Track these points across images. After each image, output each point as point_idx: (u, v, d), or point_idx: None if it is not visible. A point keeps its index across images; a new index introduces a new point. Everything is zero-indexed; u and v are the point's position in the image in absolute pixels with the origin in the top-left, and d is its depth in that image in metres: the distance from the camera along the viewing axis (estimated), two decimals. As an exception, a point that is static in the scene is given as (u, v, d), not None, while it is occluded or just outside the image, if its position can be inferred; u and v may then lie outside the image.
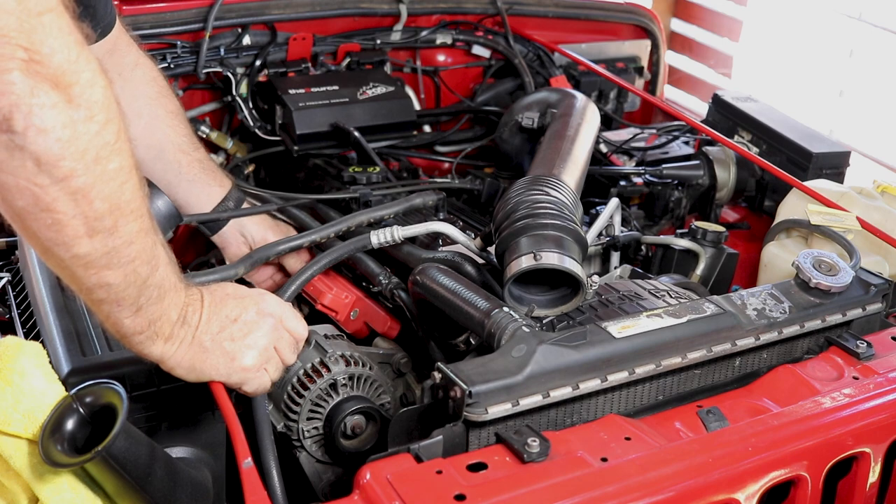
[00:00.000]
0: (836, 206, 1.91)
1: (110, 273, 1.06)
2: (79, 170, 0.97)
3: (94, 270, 1.05)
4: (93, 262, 1.04)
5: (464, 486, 1.12)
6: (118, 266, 1.06)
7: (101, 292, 1.08)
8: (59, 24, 0.95)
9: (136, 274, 1.09)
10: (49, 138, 0.94)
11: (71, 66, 0.95)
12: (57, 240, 1.01)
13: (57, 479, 1.14)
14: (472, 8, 2.62)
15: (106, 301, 1.09)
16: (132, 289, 1.09)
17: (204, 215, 2.08)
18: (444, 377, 1.24)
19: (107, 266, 1.05)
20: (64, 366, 1.31)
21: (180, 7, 2.22)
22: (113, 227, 1.03)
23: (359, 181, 2.10)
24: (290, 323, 1.33)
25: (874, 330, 1.55)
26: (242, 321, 1.26)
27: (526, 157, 2.25)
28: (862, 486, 1.37)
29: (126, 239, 1.05)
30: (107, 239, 1.03)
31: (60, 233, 1.00)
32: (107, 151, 1.00)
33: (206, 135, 2.33)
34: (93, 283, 1.06)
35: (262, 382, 1.29)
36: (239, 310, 1.26)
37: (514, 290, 1.53)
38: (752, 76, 5.00)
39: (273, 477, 1.27)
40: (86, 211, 1.00)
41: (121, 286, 1.08)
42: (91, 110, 0.97)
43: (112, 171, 1.01)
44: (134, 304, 1.11)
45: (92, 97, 0.97)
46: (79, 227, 1.01)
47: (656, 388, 1.40)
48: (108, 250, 1.04)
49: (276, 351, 1.30)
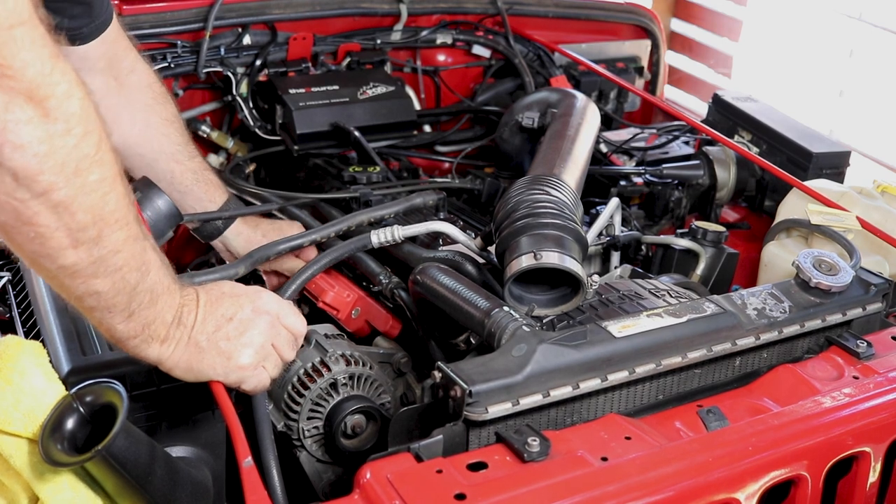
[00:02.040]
0: (837, 205, 1.91)
1: (98, 281, 1.06)
2: (59, 183, 0.96)
3: (81, 280, 1.04)
4: (79, 272, 1.04)
5: (464, 485, 1.12)
6: (105, 275, 1.06)
7: (90, 300, 1.08)
8: (31, 36, 0.93)
9: (124, 281, 1.08)
10: (26, 154, 0.93)
11: (45, 79, 0.94)
12: (41, 252, 1.01)
13: (57, 479, 1.14)
14: (473, 8, 2.62)
15: (97, 308, 1.09)
16: (122, 296, 1.09)
17: (204, 214, 2.08)
18: (444, 376, 1.24)
19: (94, 275, 1.05)
20: (64, 365, 1.31)
21: (180, 7, 2.22)
22: (97, 238, 1.03)
23: (359, 181, 2.10)
24: (287, 320, 1.32)
25: (874, 329, 1.55)
26: (238, 319, 1.25)
27: (526, 157, 2.25)
28: (862, 485, 1.37)
29: (112, 248, 1.05)
30: (92, 249, 1.03)
31: (44, 245, 1.00)
32: (87, 163, 0.99)
33: (206, 134, 2.33)
34: (81, 291, 1.06)
35: (261, 380, 1.29)
36: (234, 308, 1.26)
37: (514, 289, 1.53)
38: (752, 76, 5.00)
39: (273, 476, 1.27)
40: (68, 223, 0.99)
41: (110, 293, 1.07)
42: (68, 123, 0.96)
43: (93, 183, 1.00)
44: (125, 309, 1.11)
45: (69, 109, 0.96)
46: (63, 239, 1.00)
47: (656, 388, 1.40)
48: (94, 260, 1.03)
49: (273, 348, 1.29)
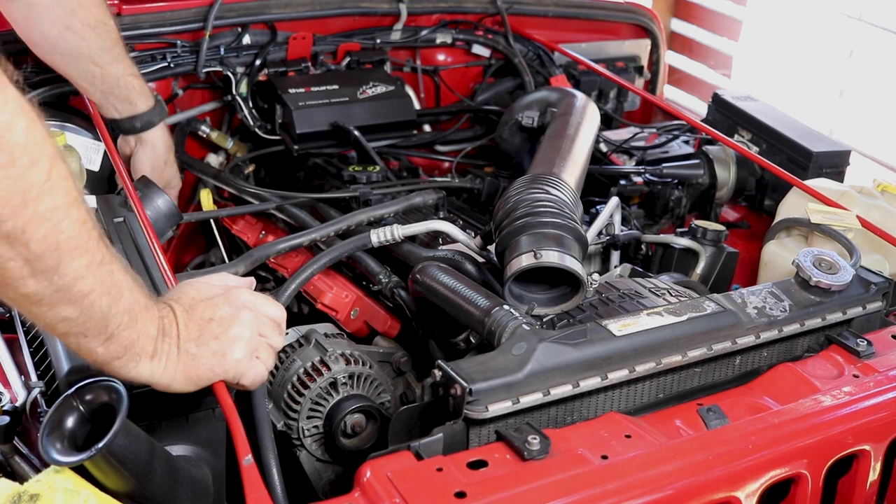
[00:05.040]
0: (837, 204, 1.91)
1: (65, 308, 1.04)
2: (5, 215, 0.94)
3: (46, 307, 1.03)
4: (43, 300, 1.02)
5: (464, 483, 1.12)
6: (71, 302, 1.04)
7: (62, 326, 1.06)
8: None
9: (94, 306, 1.06)
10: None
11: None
12: (1, 282, 0.99)
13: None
14: (472, 7, 2.62)
15: (70, 334, 1.07)
16: (93, 321, 1.07)
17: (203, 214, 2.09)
18: (444, 375, 1.24)
19: (59, 303, 1.03)
20: (64, 364, 1.31)
21: (180, 6, 2.22)
22: (56, 266, 1.00)
23: (359, 180, 2.10)
24: (265, 309, 1.30)
25: (874, 328, 1.55)
26: (219, 318, 1.23)
27: (526, 156, 2.25)
28: (862, 484, 1.37)
29: (74, 275, 1.02)
30: (52, 277, 1.00)
31: (2, 275, 0.98)
32: (35, 193, 0.96)
33: (206, 134, 2.33)
34: (50, 318, 1.04)
35: (259, 371, 1.28)
36: (212, 309, 1.24)
37: (514, 288, 1.53)
38: (751, 76, 5.00)
39: (273, 475, 1.27)
40: (23, 253, 0.97)
41: (80, 319, 1.06)
42: (11, 154, 0.93)
43: (45, 212, 0.98)
44: (102, 333, 1.08)
45: (11, 140, 0.93)
46: (20, 269, 0.98)
47: (656, 386, 1.40)
48: (56, 288, 1.01)
49: (261, 337, 1.29)
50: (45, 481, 1.11)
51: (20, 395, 1.36)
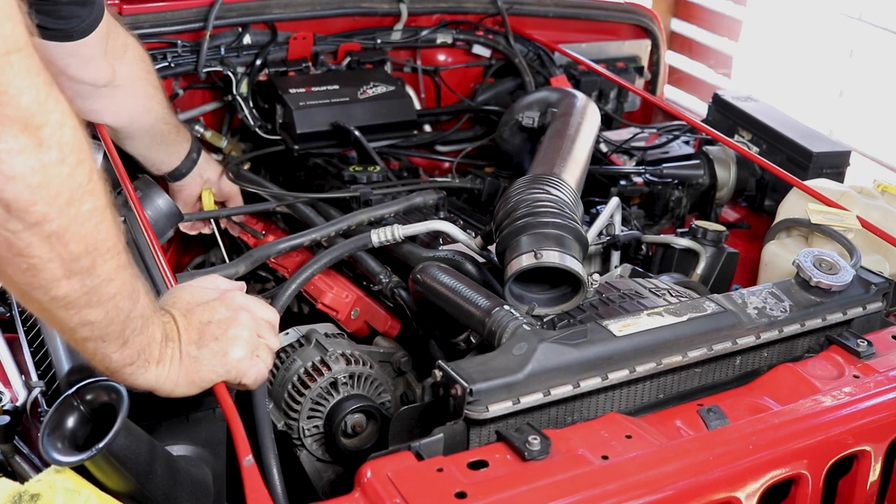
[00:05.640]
0: (837, 205, 1.91)
1: (92, 311, 1.04)
2: (52, 214, 0.95)
3: (74, 311, 1.03)
4: (72, 302, 1.02)
5: (465, 483, 1.12)
6: (99, 304, 1.05)
7: (84, 331, 1.06)
8: (27, 64, 0.91)
9: (118, 309, 1.07)
10: (18, 185, 0.92)
11: (40, 107, 0.92)
12: (34, 283, 0.99)
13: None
14: (473, 7, 2.62)
15: (91, 339, 1.08)
16: (115, 324, 1.08)
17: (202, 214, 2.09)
18: (444, 375, 1.25)
19: (87, 305, 1.04)
20: (64, 364, 1.31)
21: (181, 6, 2.22)
22: (91, 267, 1.02)
23: (359, 180, 2.10)
24: (259, 311, 1.31)
25: (874, 329, 1.55)
26: (217, 321, 1.25)
27: (526, 157, 2.25)
28: (862, 484, 1.37)
29: (105, 277, 1.04)
30: (85, 279, 1.02)
31: (37, 277, 0.99)
32: (80, 193, 0.98)
33: (200, 134, 2.32)
34: (75, 322, 1.05)
35: (260, 370, 1.28)
36: (209, 313, 1.25)
37: (514, 288, 1.53)
38: (752, 76, 5.00)
39: (274, 475, 1.27)
40: (62, 254, 0.98)
41: (104, 322, 1.06)
42: (62, 152, 0.95)
43: (86, 213, 0.99)
44: (119, 337, 1.09)
45: (62, 138, 0.95)
46: (56, 270, 0.99)
47: (657, 387, 1.40)
48: (87, 290, 1.02)
49: (259, 338, 1.29)
50: (46, 481, 1.11)
51: (21, 394, 1.36)
